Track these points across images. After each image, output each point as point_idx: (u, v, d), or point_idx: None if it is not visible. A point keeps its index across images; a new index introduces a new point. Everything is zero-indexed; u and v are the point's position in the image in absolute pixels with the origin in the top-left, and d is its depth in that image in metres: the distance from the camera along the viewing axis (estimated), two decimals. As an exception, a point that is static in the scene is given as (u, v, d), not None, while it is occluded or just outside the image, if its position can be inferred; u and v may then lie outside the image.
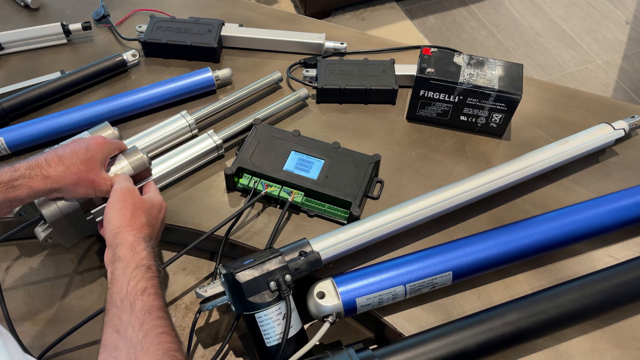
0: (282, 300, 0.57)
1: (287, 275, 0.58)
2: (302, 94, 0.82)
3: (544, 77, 2.06)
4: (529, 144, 0.79)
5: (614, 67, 2.09)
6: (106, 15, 0.95)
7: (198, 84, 0.83)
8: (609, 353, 0.61)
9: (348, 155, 0.72)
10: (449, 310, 0.64)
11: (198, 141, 0.75)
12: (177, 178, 0.74)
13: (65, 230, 0.63)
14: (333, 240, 0.63)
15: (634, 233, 0.71)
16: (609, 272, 0.63)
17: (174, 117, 0.78)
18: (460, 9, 2.31)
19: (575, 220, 0.65)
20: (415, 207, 0.66)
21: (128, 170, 0.66)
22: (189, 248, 0.65)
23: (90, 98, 0.85)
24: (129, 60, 0.87)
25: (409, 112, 0.82)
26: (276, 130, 0.75)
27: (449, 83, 0.75)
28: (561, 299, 0.59)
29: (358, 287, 0.59)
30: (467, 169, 0.77)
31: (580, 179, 0.76)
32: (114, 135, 0.71)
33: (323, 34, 0.90)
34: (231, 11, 0.99)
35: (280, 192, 0.70)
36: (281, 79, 0.85)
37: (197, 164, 0.76)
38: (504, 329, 0.57)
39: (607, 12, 2.29)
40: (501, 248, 0.63)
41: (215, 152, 0.76)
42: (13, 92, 0.82)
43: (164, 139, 0.76)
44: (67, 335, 0.62)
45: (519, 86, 0.75)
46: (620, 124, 0.77)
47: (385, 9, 2.29)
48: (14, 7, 0.99)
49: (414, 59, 0.89)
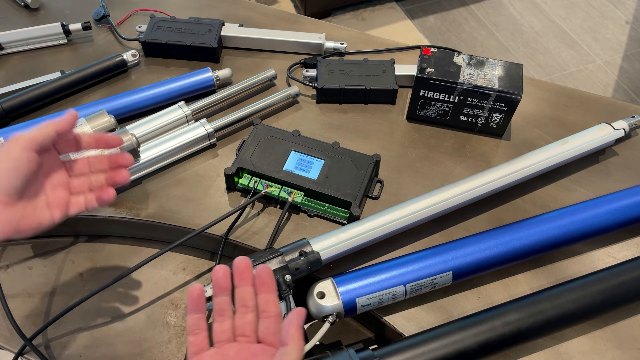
0: (282, 300, 0.57)
1: (287, 275, 0.58)
2: (292, 92, 0.82)
3: (544, 77, 2.06)
4: (529, 144, 0.79)
5: (614, 67, 2.09)
6: (106, 15, 0.95)
7: (198, 84, 0.83)
8: (609, 353, 0.61)
9: (348, 155, 0.72)
10: (449, 310, 0.64)
11: (190, 129, 0.76)
12: (168, 164, 0.76)
13: None
14: (333, 240, 0.63)
15: (634, 233, 0.71)
16: (609, 272, 0.63)
17: (171, 108, 0.79)
18: (460, 9, 2.31)
19: (575, 220, 0.65)
20: (415, 207, 0.66)
21: (116, 151, 0.66)
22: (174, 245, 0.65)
23: (90, 98, 0.85)
24: (129, 60, 0.87)
25: (409, 112, 0.82)
26: (276, 130, 0.75)
27: (449, 83, 0.75)
28: (561, 299, 0.59)
29: (358, 287, 0.59)
30: (467, 169, 0.77)
31: (580, 179, 0.76)
32: (111, 123, 0.72)
33: (323, 34, 0.90)
34: (231, 11, 0.99)
35: (280, 192, 0.70)
36: (275, 77, 0.85)
37: (188, 152, 0.77)
38: (504, 329, 0.57)
39: (607, 12, 2.29)
40: (501, 248, 0.63)
41: (206, 141, 0.77)
42: (13, 92, 0.82)
43: (160, 129, 0.77)
44: (59, 317, 0.63)
45: (519, 86, 0.75)
46: (620, 124, 0.77)
47: (385, 9, 2.29)
48: (14, 7, 0.99)
49: (414, 59, 0.89)
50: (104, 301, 0.69)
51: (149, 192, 0.74)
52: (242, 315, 0.49)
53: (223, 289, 0.49)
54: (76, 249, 0.74)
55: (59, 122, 0.52)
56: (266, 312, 0.49)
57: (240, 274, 0.50)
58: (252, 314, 0.49)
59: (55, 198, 0.53)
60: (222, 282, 0.49)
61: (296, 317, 0.45)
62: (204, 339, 0.49)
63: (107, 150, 0.58)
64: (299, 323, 0.45)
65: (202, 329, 0.49)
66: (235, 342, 0.49)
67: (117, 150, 0.58)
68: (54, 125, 0.52)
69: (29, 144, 0.50)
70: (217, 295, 0.49)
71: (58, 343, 0.66)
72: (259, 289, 0.50)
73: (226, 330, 0.49)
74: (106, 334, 0.67)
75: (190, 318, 0.48)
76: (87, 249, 0.74)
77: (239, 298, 0.50)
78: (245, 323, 0.49)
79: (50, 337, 0.67)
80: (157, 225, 0.71)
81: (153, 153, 0.74)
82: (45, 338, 0.67)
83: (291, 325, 0.44)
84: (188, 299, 0.49)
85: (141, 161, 0.73)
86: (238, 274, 0.50)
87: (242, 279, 0.50)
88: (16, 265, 0.73)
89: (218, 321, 0.49)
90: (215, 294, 0.49)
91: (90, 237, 0.75)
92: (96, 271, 0.72)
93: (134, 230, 0.73)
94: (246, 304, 0.49)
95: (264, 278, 0.50)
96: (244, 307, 0.49)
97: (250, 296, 0.49)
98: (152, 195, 0.73)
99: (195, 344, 0.48)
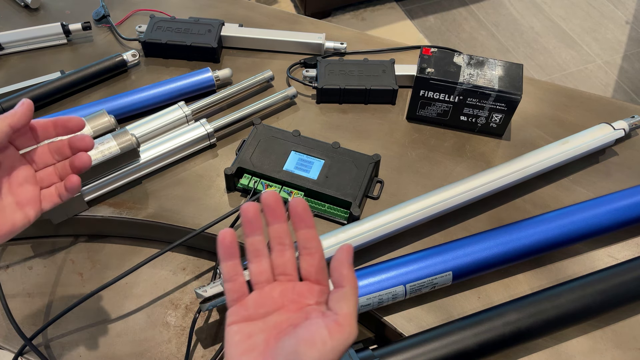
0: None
1: (287, 275, 0.58)
2: (289, 93, 0.82)
3: (544, 77, 2.06)
4: (529, 144, 0.79)
5: (614, 67, 2.09)
6: (106, 15, 0.95)
7: (198, 84, 0.83)
8: (609, 353, 0.61)
9: (348, 155, 0.72)
10: (449, 310, 0.64)
11: (190, 129, 0.76)
12: (168, 164, 0.76)
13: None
14: (333, 240, 0.63)
15: (634, 233, 0.71)
16: (609, 272, 0.63)
17: (171, 108, 0.79)
18: (460, 9, 2.31)
19: (575, 220, 0.65)
20: (415, 207, 0.66)
21: (116, 151, 0.66)
22: (174, 245, 0.65)
23: (90, 98, 0.85)
24: (129, 60, 0.87)
25: (409, 112, 0.82)
26: (276, 130, 0.75)
27: (449, 83, 0.75)
28: (561, 299, 0.59)
29: (358, 287, 0.59)
30: (467, 169, 0.77)
31: (580, 179, 0.76)
32: (111, 123, 0.72)
33: (323, 34, 0.90)
34: (231, 11, 0.99)
35: (280, 192, 0.70)
36: (273, 78, 0.85)
37: (188, 151, 0.77)
38: (504, 329, 0.57)
39: (607, 12, 2.30)
40: (501, 248, 0.63)
41: (206, 141, 0.77)
42: (13, 92, 0.82)
43: (160, 129, 0.77)
44: (59, 317, 0.63)
45: (519, 86, 0.75)
46: (620, 124, 0.77)
47: (385, 9, 2.29)
48: (14, 7, 0.99)
49: (414, 59, 0.89)
50: (104, 301, 0.69)
51: (149, 192, 0.74)
52: (279, 254, 0.45)
53: (255, 229, 0.44)
54: (76, 249, 0.74)
55: (14, 116, 0.47)
56: (307, 249, 0.44)
57: (272, 211, 0.44)
58: (290, 251, 0.45)
59: (24, 195, 0.49)
60: (254, 221, 0.44)
61: (346, 255, 0.41)
62: (243, 284, 0.44)
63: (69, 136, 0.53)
64: (349, 261, 0.41)
65: (239, 274, 0.44)
66: (276, 281, 0.45)
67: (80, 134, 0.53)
68: (7, 119, 0.47)
69: None
70: (250, 235, 0.44)
71: (58, 343, 0.66)
72: (297, 224, 0.44)
73: (264, 270, 0.45)
74: (106, 334, 0.67)
75: (225, 265, 0.44)
76: (87, 249, 0.74)
77: (273, 236, 0.45)
78: (285, 261, 0.45)
79: (50, 337, 0.67)
80: (157, 225, 0.71)
81: (153, 153, 0.74)
82: (45, 338, 0.67)
83: (343, 266, 0.41)
84: (219, 246, 0.44)
85: (141, 161, 0.73)
86: (269, 211, 0.44)
87: (274, 215, 0.44)
88: (16, 265, 0.73)
89: (254, 262, 0.45)
90: (247, 234, 0.44)
91: (90, 237, 0.75)
92: (96, 271, 0.72)
93: (133, 230, 0.73)
94: (282, 241, 0.45)
95: (301, 213, 0.44)
96: (281, 245, 0.45)
97: (286, 233, 0.45)
98: (152, 195, 0.73)
99: (234, 290, 0.44)
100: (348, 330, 0.39)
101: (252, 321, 0.43)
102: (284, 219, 0.45)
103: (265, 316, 0.43)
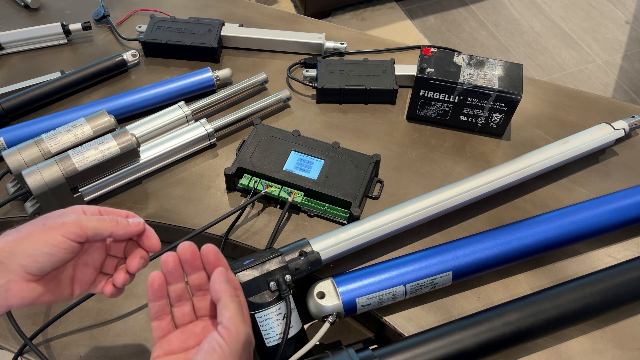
0: (282, 300, 0.57)
1: (287, 275, 0.58)
2: (283, 95, 0.82)
3: (544, 77, 2.06)
4: (529, 144, 0.79)
5: (614, 67, 2.09)
6: (106, 15, 0.95)
7: (198, 84, 0.83)
8: (609, 353, 0.61)
9: (348, 155, 0.72)
10: (449, 310, 0.64)
11: (190, 129, 0.76)
12: (168, 164, 0.76)
13: (52, 205, 0.65)
14: (333, 240, 0.63)
15: (634, 233, 0.71)
16: (609, 272, 0.63)
17: (171, 108, 0.79)
18: (460, 9, 2.31)
19: (575, 220, 0.65)
20: (415, 207, 0.66)
21: (116, 151, 0.67)
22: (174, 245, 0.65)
23: (90, 98, 0.85)
24: (129, 60, 0.87)
25: (409, 112, 0.82)
26: (276, 130, 0.75)
27: (449, 83, 0.75)
28: (561, 299, 0.59)
29: (358, 287, 0.59)
30: (467, 169, 0.77)
31: (580, 179, 0.76)
32: (111, 123, 0.72)
33: (323, 34, 0.90)
34: (231, 11, 0.99)
35: (280, 192, 0.70)
36: (267, 80, 0.85)
37: (188, 151, 0.77)
38: (504, 329, 0.57)
39: (607, 12, 2.30)
40: (501, 248, 0.63)
41: (206, 141, 0.77)
42: (13, 92, 0.82)
43: (160, 129, 0.77)
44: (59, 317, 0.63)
45: (519, 86, 0.75)
46: (620, 124, 0.77)
47: (385, 9, 2.29)
48: (14, 7, 0.99)
49: (414, 59, 0.89)
50: (104, 301, 0.69)
51: (149, 192, 0.74)
52: (201, 299, 0.50)
53: (176, 277, 0.49)
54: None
55: (118, 226, 0.49)
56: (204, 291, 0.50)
57: (189, 264, 0.49)
58: (210, 295, 0.49)
59: (82, 276, 0.50)
60: (174, 271, 0.49)
61: (216, 275, 0.46)
62: (169, 323, 0.49)
63: None
64: (220, 278, 0.46)
65: (166, 312, 0.49)
66: (199, 319, 0.50)
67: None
68: (112, 226, 0.48)
69: (75, 236, 0.46)
70: (171, 284, 0.49)
71: (58, 343, 0.66)
72: (210, 271, 0.49)
73: (187, 313, 0.50)
74: (106, 334, 0.67)
75: (153, 305, 0.48)
76: (87, 249, 0.74)
77: (193, 285, 0.50)
78: (206, 305, 0.50)
79: (50, 337, 0.67)
80: (157, 225, 0.70)
81: (153, 153, 0.74)
82: (45, 338, 0.67)
83: (215, 283, 0.46)
84: (148, 289, 0.48)
85: (141, 161, 0.73)
86: (186, 264, 0.49)
87: (192, 267, 0.49)
88: (16, 265, 0.73)
89: (177, 307, 0.50)
90: (169, 283, 0.49)
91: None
92: (96, 271, 0.72)
93: (134, 230, 0.73)
94: (202, 287, 0.50)
95: (212, 262, 0.49)
96: (201, 291, 0.50)
97: (205, 280, 0.50)
98: (152, 195, 0.73)
99: (161, 328, 0.49)
100: (235, 330, 0.44)
101: (175, 354, 0.48)
102: (201, 267, 0.50)
103: (187, 350, 0.48)
